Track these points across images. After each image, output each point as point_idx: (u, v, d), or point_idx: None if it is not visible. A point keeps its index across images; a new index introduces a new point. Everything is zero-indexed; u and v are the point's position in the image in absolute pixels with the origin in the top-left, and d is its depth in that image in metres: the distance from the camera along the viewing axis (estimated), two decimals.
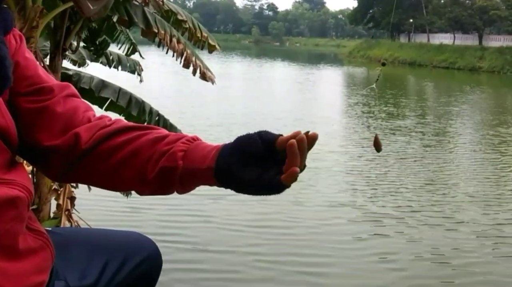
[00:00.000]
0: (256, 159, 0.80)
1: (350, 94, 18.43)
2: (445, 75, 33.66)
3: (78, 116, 0.90)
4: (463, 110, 15.73)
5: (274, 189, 0.80)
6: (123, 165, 0.87)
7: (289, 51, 69.14)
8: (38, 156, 0.88)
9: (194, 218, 5.18)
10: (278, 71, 29.86)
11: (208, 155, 0.83)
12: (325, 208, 5.81)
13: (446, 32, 50.05)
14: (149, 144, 0.87)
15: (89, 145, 0.87)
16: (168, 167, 0.84)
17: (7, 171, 0.76)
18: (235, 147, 0.82)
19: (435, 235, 5.13)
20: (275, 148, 0.80)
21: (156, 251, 1.07)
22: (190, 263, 4.15)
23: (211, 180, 0.83)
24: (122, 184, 0.91)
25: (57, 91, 0.90)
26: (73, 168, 0.89)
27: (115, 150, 0.87)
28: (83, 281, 0.94)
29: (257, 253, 4.44)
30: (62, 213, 3.32)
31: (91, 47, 3.46)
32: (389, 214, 5.67)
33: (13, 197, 0.74)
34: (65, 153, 0.87)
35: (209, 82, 3.58)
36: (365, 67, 36.71)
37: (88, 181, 0.94)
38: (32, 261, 0.78)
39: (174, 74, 17.38)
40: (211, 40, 3.61)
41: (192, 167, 0.83)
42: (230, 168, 0.81)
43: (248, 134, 0.82)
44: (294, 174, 0.77)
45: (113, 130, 0.89)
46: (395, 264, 4.45)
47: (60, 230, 1.05)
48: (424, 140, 10.37)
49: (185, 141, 0.86)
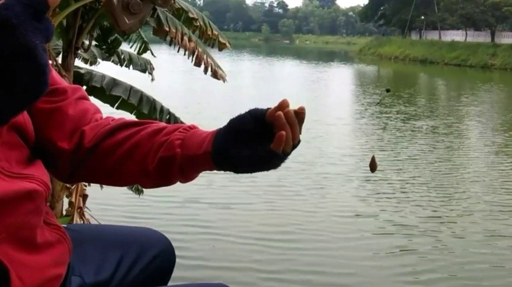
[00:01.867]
0: (250, 136, 0.82)
1: (364, 93, 17.95)
2: (457, 72, 33.29)
3: (87, 119, 0.93)
4: (486, 110, 14.70)
5: (267, 159, 0.81)
6: (124, 160, 0.90)
7: (299, 49, 68.91)
8: (47, 156, 0.89)
9: (201, 229, 4.72)
10: (289, 70, 29.51)
11: (204, 140, 0.85)
12: (343, 219, 5.23)
13: (458, 29, 49.59)
14: (148, 136, 0.90)
15: (91, 143, 0.90)
16: (167, 156, 0.86)
17: (25, 166, 0.78)
18: (228, 128, 0.84)
19: (469, 249, 4.56)
20: (265, 122, 0.81)
21: (170, 246, 1.09)
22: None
23: (209, 164, 0.85)
24: (126, 178, 0.94)
25: (70, 93, 0.92)
26: (79, 168, 0.92)
27: (116, 146, 0.90)
28: (98, 276, 0.96)
29: (268, 271, 3.99)
30: (74, 211, 3.35)
31: (103, 46, 3.48)
32: (416, 226, 5.07)
33: (30, 190, 0.75)
34: (72, 154, 0.90)
35: (221, 80, 3.58)
36: (376, 65, 36.48)
37: (94, 179, 0.97)
38: (50, 254, 0.80)
39: (185, 73, 17.35)
40: (222, 38, 3.61)
41: (190, 153, 0.85)
42: (226, 149, 0.83)
43: (239, 114, 0.84)
44: (281, 138, 0.78)
45: (113, 127, 0.92)
46: (426, 285, 3.92)
47: (75, 227, 1.07)
48: (449, 143, 9.66)
49: (182, 130, 0.89)
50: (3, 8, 0.48)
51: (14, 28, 0.48)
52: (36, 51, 0.49)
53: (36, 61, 0.49)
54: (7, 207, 0.71)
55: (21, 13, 0.48)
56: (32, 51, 0.49)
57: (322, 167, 7.24)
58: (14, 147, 0.77)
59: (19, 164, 0.77)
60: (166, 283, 1.09)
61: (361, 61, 41.57)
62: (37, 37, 0.49)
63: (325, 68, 31.85)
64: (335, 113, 12.70)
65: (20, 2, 0.49)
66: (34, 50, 0.49)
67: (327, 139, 9.39)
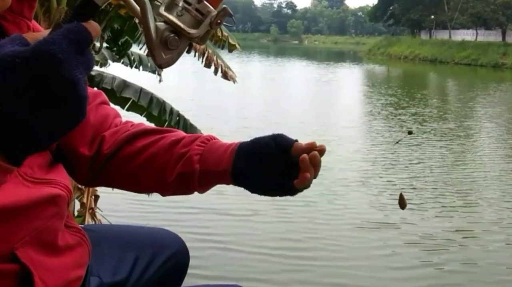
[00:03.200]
0: (272, 164, 0.85)
1: (376, 94, 17.44)
2: (468, 72, 32.97)
3: (108, 124, 0.94)
4: (504, 111, 13.91)
5: (286, 191, 0.86)
6: (143, 169, 0.91)
7: (308, 49, 68.70)
8: (68, 161, 0.91)
9: (213, 237, 4.49)
10: (299, 71, 29.33)
11: (222, 157, 0.87)
12: (361, 230, 4.75)
13: (468, 28, 49.24)
14: (166, 147, 0.91)
15: (110, 149, 0.92)
16: (186, 172, 0.88)
17: (48, 171, 0.80)
18: (250, 152, 0.86)
19: (498, 266, 4.09)
20: (289, 154, 0.84)
21: (184, 247, 1.11)
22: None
23: (228, 181, 0.88)
24: (144, 187, 0.96)
25: (91, 99, 0.93)
26: (97, 173, 0.93)
27: (136, 154, 0.92)
28: (115, 277, 0.98)
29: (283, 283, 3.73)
30: (86, 211, 3.37)
31: (114, 48, 3.50)
32: (439, 236, 4.61)
33: (54, 195, 0.77)
34: (91, 160, 0.92)
35: (231, 81, 3.59)
36: (386, 65, 36.20)
37: (113, 184, 0.98)
38: (71, 257, 0.81)
39: (193, 75, 17.33)
40: (231, 40, 3.62)
41: (208, 169, 0.88)
42: (246, 173, 0.86)
43: (264, 140, 0.86)
44: (305, 179, 0.82)
45: (132, 134, 0.93)
46: None
47: (91, 227, 1.08)
48: (472, 146, 9.12)
49: (200, 144, 0.90)
50: (51, 43, 0.49)
51: (60, 63, 0.49)
52: (79, 85, 0.50)
53: (78, 94, 0.50)
54: (31, 211, 0.73)
55: (67, 48, 0.50)
56: (75, 85, 0.50)
57: (340, 171, 6.74)
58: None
59: (41, 169, 0.78)
60: (181, 284, 1.10)
61: (371, 61, 41.37)
62: (80, 70, 0.51)
63: (335, 69, 31.51)
64: (348, 116, 12.24)
65: (66, 37, 0.50)
66: (77, 84, 0.50)
67: (341, 143, 8.89)
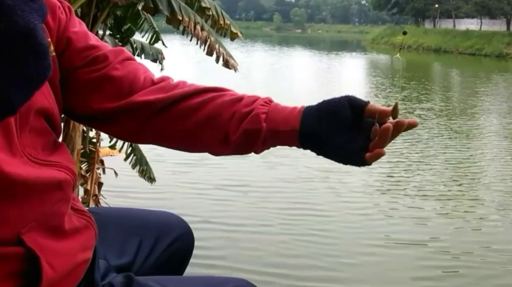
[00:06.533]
0: (343, 124, 0.80)
1: (384, 84, 16.96)
2: (472, 62, 32.69)
3: (140, 78, 0.90)
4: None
5: (356, 163, 0.82)
6: (202, 126, 0.88)
7: (311, 38, 68.20)
8: (104, 120, 0.89)
9: (219, 226, 4.24)
10: (303, 60, 28.96)
11: (289, 117, 0.84)
12: (378, 243, 4.04)
13: (472, 18, 48.90)
14: (227, 105, 0.87)
15: (160, 104, 0.88)
16: (252, 129, 0.85)
17: (51, 153, 0.78)
18: (322, 112, 0.82)
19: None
20: (363, 115, 0.80)
21: (188, 230, 1.11)
22: None
23: (295, 141, 0.84)
24: (202, 144, 0.91)
25: (112, 58, 0.90)
26: (144, 127, 0.89)
27: (193, 110, 0.88)
28: (121, 260, 0.98)
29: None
30: (90, 198, 3.40)
31: (117, 35, 3.51)
32: (461, 243, 4.08)
33: (60, 180, 0.76)
34: (134, 113, 0.88)
35: (232, 69, 3.59)
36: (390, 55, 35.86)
37: (161, 141, 0.93)
38: (77, 240, 0.81)
39: (196, 63, 17.23)
40: (234, 28, 3.61)
41: (276, 128, 0.84)
42: (317, 133, 0.82)
43: (336, 99, 0.82)
44: (380, 155, 0.79)
45: (188, 92, 0.89)
46: None
47: (97, 210, 1.09)
48: (497, 143, 8.18)
49: (263, 103, 0.87)
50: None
51: (10, 8, 0.45)
52: (36, 31, 0.46)
53: (38, 42, 0.46)
54: (38, 195, 0.72)
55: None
56: (32, 32, 0.46)
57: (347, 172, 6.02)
58: (40, 133, 0.76)
59: (44, 150, 0.77)
60: (186, 266, 1.11)
61: (374, 50, 41.09)
62: (34, 17, 0.47)
63: (341, 58, 30.83)
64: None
65: None
66: (34, 30, 0.46)
67: None
